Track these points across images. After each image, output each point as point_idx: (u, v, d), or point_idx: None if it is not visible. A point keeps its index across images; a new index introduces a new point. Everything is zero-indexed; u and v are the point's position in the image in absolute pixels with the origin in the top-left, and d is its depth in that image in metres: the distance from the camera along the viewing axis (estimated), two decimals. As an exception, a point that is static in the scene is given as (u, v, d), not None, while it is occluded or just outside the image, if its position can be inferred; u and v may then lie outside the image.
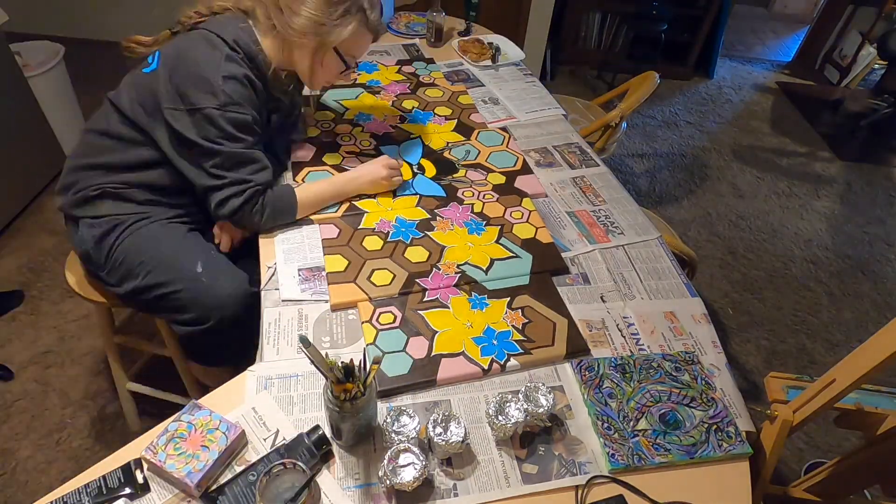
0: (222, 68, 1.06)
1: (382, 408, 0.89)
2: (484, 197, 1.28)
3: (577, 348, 0.98)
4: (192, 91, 1.05)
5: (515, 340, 0.98)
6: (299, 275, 1.08)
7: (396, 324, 0.99)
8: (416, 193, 1.27)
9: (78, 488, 0.77)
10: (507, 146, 1.44)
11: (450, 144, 1.43)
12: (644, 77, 2.04)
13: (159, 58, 1.10)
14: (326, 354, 0.78)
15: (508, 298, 1.06)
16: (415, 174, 1.33)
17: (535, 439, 0.87)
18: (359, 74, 1.69)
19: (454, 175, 1.34)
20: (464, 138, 1.46)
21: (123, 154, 1.15)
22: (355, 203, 1.23)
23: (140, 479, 0.78)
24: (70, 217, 1.22)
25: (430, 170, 1.34)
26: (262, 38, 1.14)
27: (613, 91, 2.14)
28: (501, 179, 1.33)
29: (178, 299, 1.14)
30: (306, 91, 1.42)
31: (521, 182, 1.33)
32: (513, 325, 1.01)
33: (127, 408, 1.58)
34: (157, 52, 1.12)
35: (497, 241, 1.17)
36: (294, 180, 1.27)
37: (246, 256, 1.23)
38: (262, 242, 1.15)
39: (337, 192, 1.22)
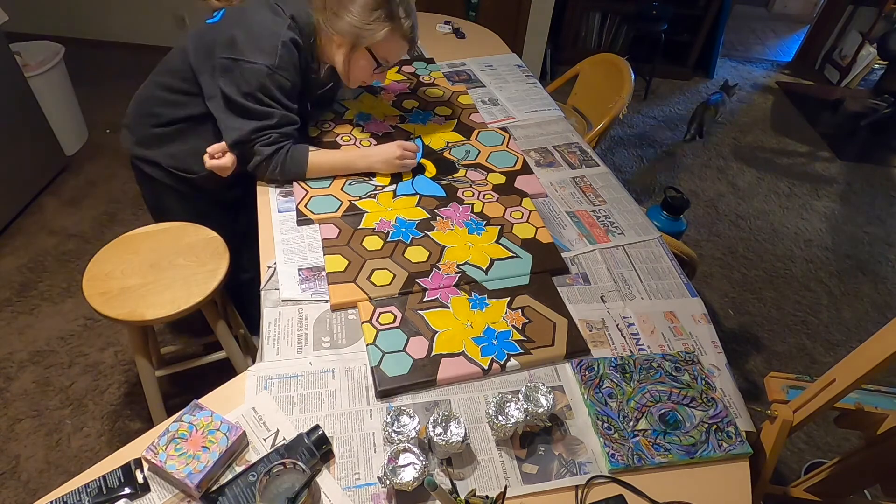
0: (283, 34, 1.15)
1: (382, 408, 0.89)
2: (484, 197, 1.28)
3: (577, 348, 0.98)
4: (249, 46, 1.15)
5: (515, 340, 0.98)
6: (299, 275, 1.08)
7: (396, 324, 0.99)
8: (416, 193, 1.27)
9: (78, 488, 0.77)
10: (507, 146, 1.44)
11: (450, 144, 1.43)
12: (596, 60, 2.04)
13: (224, 13, 1.23)
14: (453, 493, 0.77)
15: (508, 298, 1.06)
16: (415, 174, 1.33)
17: (535, 439, 0.87)
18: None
19: (454, 175, 1.34)
20: (464, 138, 1.46)
21: (175, 102, 1.28)
22: (355, 203, 1.23)
23: (140, 479, 0.78)
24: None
25: (431, 170, 1.34)
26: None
27: (562, 77, 2.14)
28: (501, 179, 1.33)
29: None
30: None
31: (521, 182, 1.33)
32: (513, 325, 1.01)
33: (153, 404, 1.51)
34: (224, 8, 1.24)
35: (497, 241, 1.17)
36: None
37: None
38: (262, 241, 1.15)
39: (348, 164, 1.29)
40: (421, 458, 0.77)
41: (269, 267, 1.10)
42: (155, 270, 1.21)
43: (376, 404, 0.90)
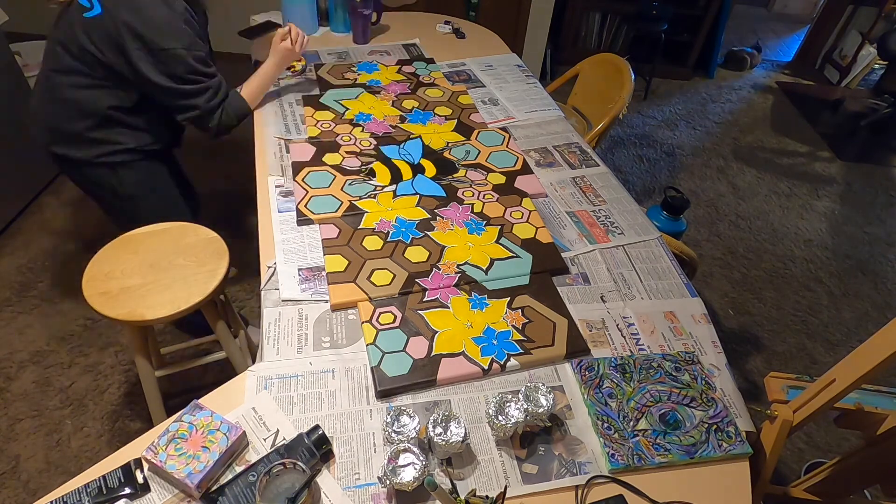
0: (177, 9, 1.25)
1: (382, 408, 0.89)
2: (484, 197, 1.28)
3: (577, 348, 0.98)
4: (157, 32, 1.22)
5: (515, 340, 0.98)
6: (299, 275, 1.08)
7: (396, 324, 0.99)
8: (416, 193, 1.27)
9: (78, 488, 0.77)
10: (507, 146, 1.44)
11: (450, 144, 1.43)
12: (596, 60, 2.04)
13: (100, 4, 1.23)
14: (453, 493, 0.77)
15: (508, 298, 1.06)
16: (415, 174, 1.33)
17: (535, 439, 0.87)
18: (359, 74, 1.69)
19: (454, 175, 1.34)
20: (464, 138, 1.46)
21: (86, 89, 1.31)
22: (355, 203, 1.23)
23: (140, 479, 0.78)
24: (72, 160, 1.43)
25: (430, 170, 1.34)
26: None
27: (562, 77, 2.14)
28: (501, 179, 1.33)
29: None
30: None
31: (521, 182, 1.33)
32: (513, 325, 1.01)
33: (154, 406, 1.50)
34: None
35: (497, 241, 1.17)
36: (294, 180, 1.28)
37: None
38: (262, 242, 1.15)
39: (268, 78, 1.50)
40: (421, 458, 0.77)
41: (269, 267, 1.10)
42: (155, 270, 1.21)
43: (376, 404, 0.90)
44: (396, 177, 1.31)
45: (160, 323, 1.14)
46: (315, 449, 0.80)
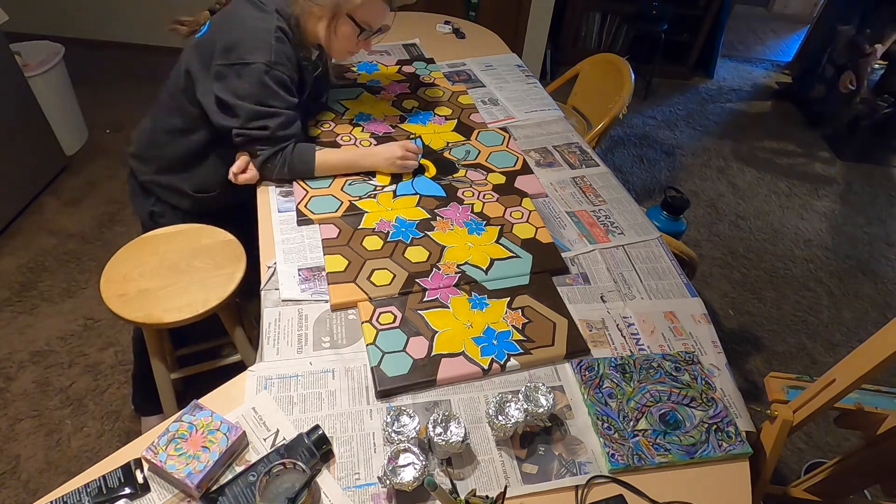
0: (272, 27, 1.16)
1: (382, 408, 0.89)
2: (484, 197, 1.28)
3: (577, 348, 0.98)
4: (243, 47, 1.15)
5: (515, 340, 0.98)
6: (299, 275, 1.08)
7: (396, 324, 0.99)
8: (416, 193, 1.27)
9: (78, 488, 0.77)
10: (507, 146, 1.44)
11: (450, 144, 1.43)
12: (596, 60, 2.04)
13: (209, 24, 1.23)
14: (453, 493, 0.77)
15: (508, 298, 1.06)
16: (415, 174, 1.32)
17: (535, 439, 0.87)
18: (359, 74, 1.69)
19: (454, 175, 1.34)
20: (464, 138, 1.46)
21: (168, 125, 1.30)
22: (355, 203, 1.23)
23: (140, 479, 0.78)
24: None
25: (431, 170, 1.34)
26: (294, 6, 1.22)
27: (562, 77, 2.14)
28: (501, 179, 1.33)
29: None
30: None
31: (521, 182, 1.33)
32: (513, 325, 1.01)
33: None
34: (208, 21, 1.25)
35: (497, 241, 1.17)
36: (294, 181, 1.28)
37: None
38: (263, 241, 1.15)
39: (353, 163, 1.30)
40: (421, 458, 0.77)
41: (269, 267, 1.10)
42: (172, 273, 1.20)
43: (376, 404, 0.90)
44: (396, 177, 1.31)
45: (177, 326, 1.14)
46: (315, 449, 0.80)
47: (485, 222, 1.21)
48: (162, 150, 1.33)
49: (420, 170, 1.34)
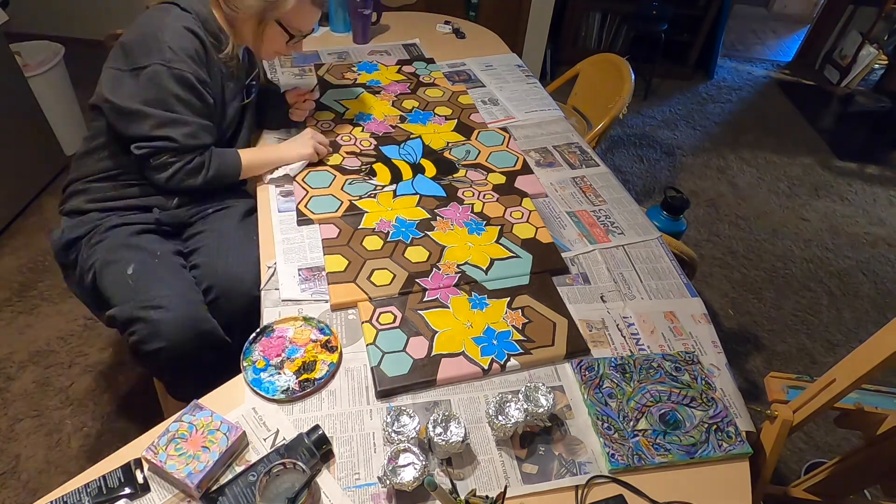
0: (169, 25, 1.08)
1: (382, 408, 0.89)
2: (484, 197, 1.28)
3: (577, 348, 0.98)
4: (138, 49, 1.07)
5: (515, 340, 0.98)
6: (299, 275, 1.08)
7: (396, 324, 0.99)
8: (416, 193, 1.27)
9: (78, 488, 0.77)
10: (507, 146, 1.44)
11: (450, 144, 1.43)
12: (596, 60, 2.04)
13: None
14: (453, 493, 0.77)
15: (508, 298, 1.06)
16: (415, 174, 1.33)
17: (535, 439, 0.87)
18: (359, 74, 1.69)
19: (454, 175, 1.34)
20: (464, 138, 1.46)
21: (93, 146, 1.20)
22: (355, 203, 1.23)
23: (140, 479, 0.78)
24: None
25: (430, 170, 1.34)
26: (215, 11, 1.17)
27: (562, 77, 2.14)
28: (501, 179, 1.33)
29: (108, 296, 1.11)
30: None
31: (521, 182, 1.33)
32: (513, 325, 1.01)
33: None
34: None
35: (497, 241, 1.17)
36: (294, 180, 1.28)
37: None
38: (262, 241, 1.15)
39: (269, 159, 1.27)
40: (421, 458, 0.77)
41: (269, 267, 1.10)
42: None
43: (376, 404, 0.90)
44: (396, 177, 1.31)
45: None
46: (315, 449, 0.80)
47: (485, 222, 1.21)
48: (91, 169, 1.21)
49: (420, 170, 1.34)
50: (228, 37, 1.18)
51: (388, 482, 0.76)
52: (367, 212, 1.21)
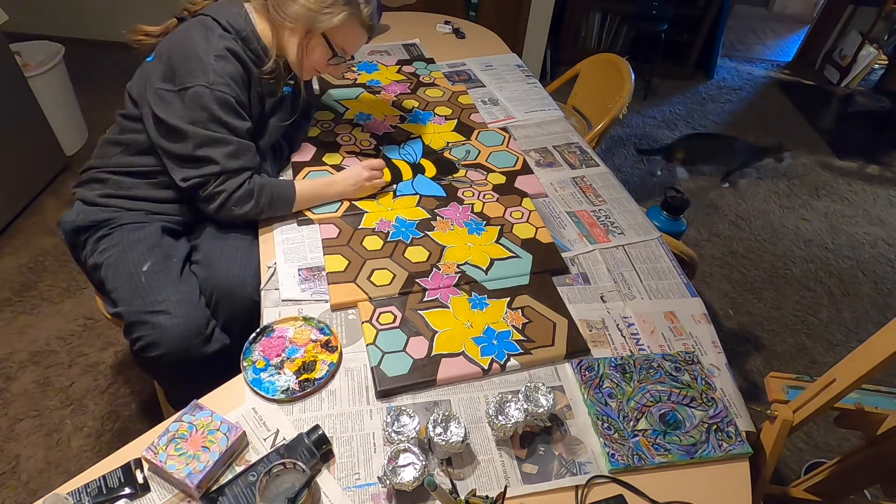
0: (214, 47, 1.07)
1: (382, 408, 0.89)
2: (484, 197, 1.28)
3: (577, 348, 0.98)
4: (183, 69, 1.06)
5: (515, 340, 0.98)
6: (299, 275, 1.08)
7: (396, 324, 0.99)
8: (416, 193, 1.27)
9: (78, 488, 0.77)
10: (507, 146, 1.44)
11: (450, 144, 1.43)
12: (596, 60, 2.04)
13: (158, 50, 1.13)
14: (453, 493, 0.77)
15: (508, 298, 1.06)
16: (415, 174, 1.33)
17: (535, 439, 0.87)
18: (359, 74, 1.69)
19: (454, 175, 1.34)
20: (464, 138, 1.46)
21: (125, 140, 1.18)
22: (355, 203, 1.23)
23: (140, 479, 0.78)
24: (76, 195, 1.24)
25: (430, 170, 1.34)
26: (257, 22, 1.15)
27: (562, 77, 2.14)
28: (501, 179, 1.33)
29: (115, 290, 1.11)
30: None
31: (521, 182, 1.33)
32: (513, 325, 1.01)
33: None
34: (156, 48, 1.15)
35: (497, 241, 1.17)
36: (294, 180, 1.27)
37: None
38: (262, 241, 1.15)
39: (321, 193, 1.22)
40: (421, 458, 0.77)
41: (269, 267, 1.10)
42: None
43: (376, 404, 0.90)
44: (396, 177, 1.31)
45: None
46: (315, 449, 0.80)
47: (485, 222, 1.21)
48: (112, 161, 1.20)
49: (420, 170, 1.34)
50: (269, 52, 1.15)
51: (388, 482, 0.76)
52: (367, 212, 1.21)
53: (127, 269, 1.12)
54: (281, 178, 1.29)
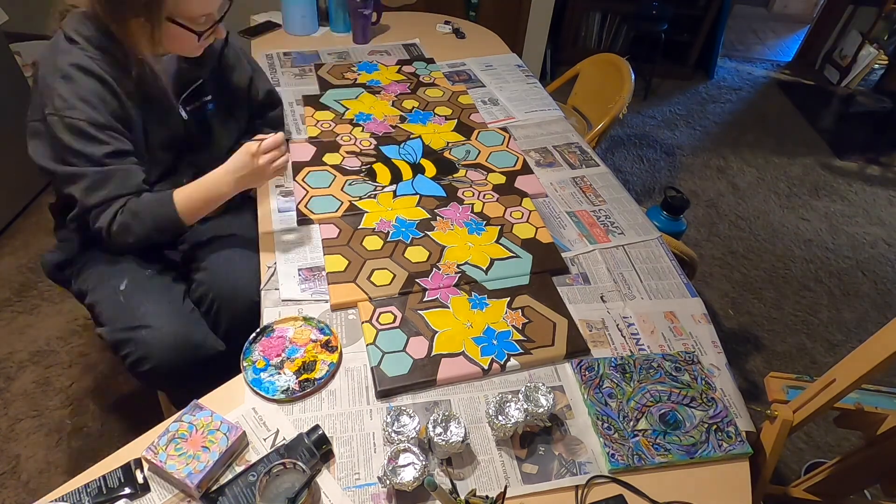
0: (57, 66, 0.96)
1: (382, 408, 0.89)
2: (484, 197, 1.28)
3: (577, 348, 0.98)
4: (37, 98, 0.99)
5: (515, 340, 0.98)
6: (299, 275, 1.08)
7: (396, 324, 0.99)
8: (416, 193, 1.27)
9: (78, 488, 0.77)
10: (507, 146, 1.44)
11: (450, 144, 1.43)
12: (596, 60, 2.04)
13: None
14: (453, 493, 0.77)
15: (508, 298, 1.06)
16: (415, 174, 1.33)
17: (535, 439, 0.87)
18: (359, 74, 1.69)
19: (454, 175, 1.34)
20: (464, 138, 1.46)
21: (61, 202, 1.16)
22: (355, 203, 1.23)
23: (140, 479, 0.78)
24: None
25: (430, 170, 1.34)
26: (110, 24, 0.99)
27: (562, 77, 2.14)
28: (501, 179, 1.33)
29: (101, 313, 1.09)
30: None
31: (521, 182, 1.33)
32: (513, 325, 1.01)
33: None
34: None
35: (497, 241, 1.17)
36: (294, 180, 1.27)
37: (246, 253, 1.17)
38: (262, 241, 1.15)
39: (217, 194, 1.05)
40: (421, 458, 0.77)
41: (269, 267, 1.10)
42: None
43: (376, 404, 0.90)
44: (396, 177, 1.31)
45: None
46: (315, 449, 0.80)
47: (485, 222, 1.21)
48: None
49: (420, 170, 1.34)
50: (131, 53, 1.01)
51: (388, 482, 0.76)
52: (367, 212, 1.21)
53: (106, 291, 1.10)
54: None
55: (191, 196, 1.05)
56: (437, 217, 1.21)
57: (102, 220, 1.01)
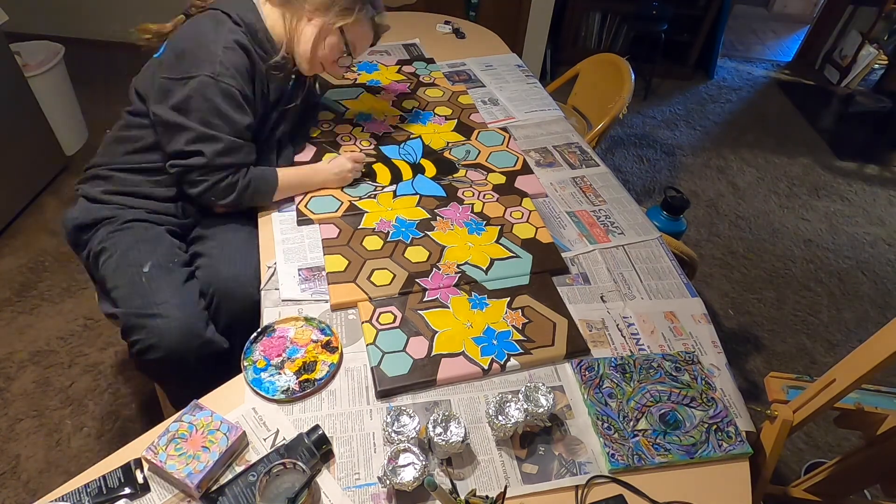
0: (223, 38, 1.08)
1: (382, 408, 0.89)
2: (484, 197, 1.28)
3: (577, 348, 0.98)
4: (190, 59, 1.07)
5: (515, 340, 0.98)
6: (299, 275, 1.08)
7: (396, 324, 0.99)
8: (416, 193, 1.27)
9: (78, 488, 0.77)
10: (507, 146, 1.44)
11: (450, 144, 1.43)
12: (596, 60, 2.04)
13: (166, 45, 1.15)
14: (453, 493, 0.77)
15: (508, 298, 1.06)
16: (415, 174, 1.33)
17: (535, 439, 0.87)
18: (359, 74, 1.69)
19: (454, 175, 1.34)
20: (464, 138, 1.46)
21: (129, 136, 1.19)
22: (355, 203, 1.23)
23: (140, 479, 0.78)
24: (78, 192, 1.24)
25: (430, 170, 1.34)
26: (267, 15, 1.16)
27: (562, 77, 2.14)
28: (501, 179, 1.33)
29: (115, 289, 1.11)
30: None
31: (521, 182, 1.33)
32: (513, 325, 1.01)
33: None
34: (166, 41, 1.16)
35: (497, 241, 1.17)
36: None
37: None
38: (262, 241, 1.15)
39: (307, 180, 1.24)
40: (421, 458, 0.77)
41: (269, 267, 1.10)
42: None
43: (376, 404, 0.90)
44: (396, 177, 1.31)
45: None
46: (315, 449, 0.80)
47: (485, 222, 1.21)
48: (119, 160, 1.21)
49: (420, 170, 1.34)
50: (277, 46, 1.17)
51: (388, 482, 0.76)
52: (367, 212, 1.21)
53: (128, 269, 1.12)
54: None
55: (290, 177, 1.22)
56: (437, 217, 1.21)
57: (213, 176, 1.11)
